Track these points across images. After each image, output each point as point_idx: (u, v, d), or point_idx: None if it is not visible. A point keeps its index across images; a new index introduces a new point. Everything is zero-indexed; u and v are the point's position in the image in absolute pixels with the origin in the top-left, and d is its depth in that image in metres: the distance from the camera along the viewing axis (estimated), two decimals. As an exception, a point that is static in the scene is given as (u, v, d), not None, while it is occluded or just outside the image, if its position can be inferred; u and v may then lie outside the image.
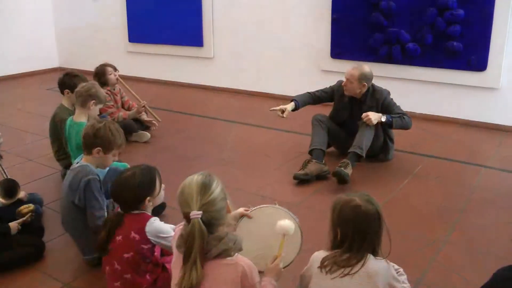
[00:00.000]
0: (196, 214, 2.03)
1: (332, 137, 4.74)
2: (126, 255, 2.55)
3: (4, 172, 3.68)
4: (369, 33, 6.27)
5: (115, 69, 5.55)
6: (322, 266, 2.14)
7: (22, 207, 3.35)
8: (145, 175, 2.68)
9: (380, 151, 4.74)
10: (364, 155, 4.36)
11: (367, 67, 4.58)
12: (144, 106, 5.60)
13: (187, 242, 2.03)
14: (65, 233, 3.39)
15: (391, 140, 4.75)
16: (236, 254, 2.12)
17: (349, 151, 4.39)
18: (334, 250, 2.18)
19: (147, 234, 2.55)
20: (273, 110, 4.74)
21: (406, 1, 5.98)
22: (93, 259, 3.10)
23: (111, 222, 2.61)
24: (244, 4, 7.34)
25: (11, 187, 3.53)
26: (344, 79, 4.65)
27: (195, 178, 2.12)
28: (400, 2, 6.01)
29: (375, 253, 2.17)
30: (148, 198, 2.65)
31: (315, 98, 4.91)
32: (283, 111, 4.69)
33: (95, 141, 3.00)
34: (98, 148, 3.01)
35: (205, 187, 2.08)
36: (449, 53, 5.83)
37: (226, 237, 2.09)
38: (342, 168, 4.18)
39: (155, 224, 2.59)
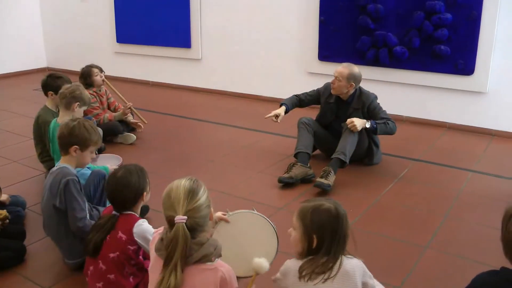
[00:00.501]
0: (181, 218, 2.02)
1: (318, 140, 4.73)
2: (112, 255, 2.53)
3: None
4: (356, 36, 6.27)
5: (101, 70, 5.51)
6: (301, 276, 2.11)
7: None
8: (141, 171, 2.70)
9: (364, 156, 4.73)
10: (347, 161, 4.33)
11: (356, 68, 4.59)
12: (130, 108, 5.57)
13: (169, 246, 2.02)
14: (46, 236, 3.36)
15: (376, 145, 4.74)
16: (216, 259, 2.11)
17: (332, 156, 4.37)
18: (307, 257, 2.16)
19: (134, 235, 2.53)
20: (268, 117, 4.76)
21: (393, 5, 5.98)
22: (75, 264, 3.07)
23: (105, 225, 2.57)
24: (232, 6, 7.32)
25: None
26: (331, 82, 4.66)
27: (183, 183, 2.10)
28: (387, 6, 6.01)
29: (345, 253, 2.19)
30: (145, 193, 2.67)
31: (301, 102, 4.94)
32: (277, 116, 4.70)
33: (70, 139, 2.99)
34: (75, 146, 3.00)
35: (192, 193, 2.07)
36: (437, 57, 5.84)
37: (207, 242, 2.08)
38: (323, 180, 4.13)
39: (143, 226, 2.57)
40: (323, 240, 2.12)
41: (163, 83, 8.32)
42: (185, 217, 2.02)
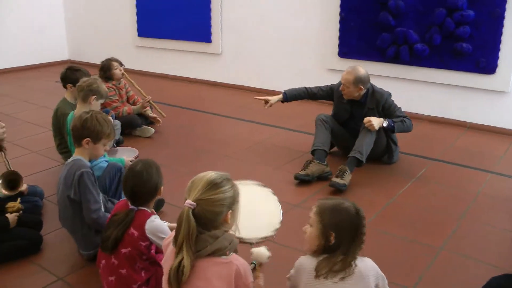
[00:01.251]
0: (189, 203, 2.01)
1: (336, 137, 4.70)
2: (123, 250, 2.53)
3: (8, 164, 3.68)
4: (376, 33, 6.21)
5: (121, 64, 5.54)
6: (317, 275, 2.09)
7: (9, 205, 3.30)
8: (157, 166, 2.69)
9: (383, 154, 4.69)
10: (364, 160, 4.30)
11: (361, 69, 4.48)
12: (149, 101, 5.59)
13: (177, 227, 2.03)
14: (63, 227, 3.41)
15: (394, 143, 4.70)
16: (231, 253, 2.09)
17: (348, 155, 4.35)
18: (322, 255, 2.14)
19: (146, 231, 2.52)
20: (257, 98, 4.86)
21: (414, 1, 5.91)
22: (89, 255, 3.11)
23: (124, 220, 2.56)
24: (253, 1, 7.31)
25: (14, 179, 3.53)
26: (340, 88, 4.66)
27: (210, 173, 2.11)
28: (408, 2, 5.94)
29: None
30: (162, 188, 2.67)
31: (310, 94, 4.91)
32: (267, 102, 4.78)
33: (83, 132, 3.02)
34: (87, 139, 3.02)
35: (213, 185, 2.06)
36: (458, 55, 5.76)
37: (222, 236, 2.07)
38: (338, 180, 4.11)
39: (155, 222, 2.57)
40: (341, 239, 2.10)
41: (182, 77, 8.34)
42: (194, 203, 2.01)
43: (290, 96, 4.92)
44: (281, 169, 4.60)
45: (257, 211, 2.76)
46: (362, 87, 4.45)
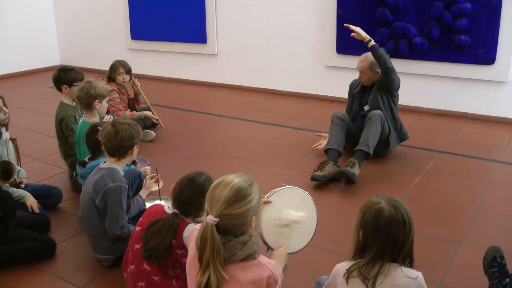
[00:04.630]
0: (212, 219, 1.95)
1: (349, 136, 4.60)
2: None
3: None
4: (375, 28, 6.20)
5: (128, 72, 5.50)
6: (348, 276, 2.03)
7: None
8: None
9: (385, 148, 4.67)
10: (371, 152, 4.30)
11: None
12: (158, 120, 5.57)
13: (200, 243, 1.97)
14: (77, 234, 3.38)
15: (393, 128, 4.67)
16: (260, 255, 2.06)
17: (355, 149, 4.34)
18: (356, 259, 2.06)
19: (184, 240, 2.47)
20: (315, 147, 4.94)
21: (412, -5, 5.93)
22: (108, 260, 3.07)
23: (171, 228, 2.49)
24: (247, 1, 7.27)
25: (6, 170, 3.41)
26: (358, 78, 4.74)
27: (234, 182, 2.00)
28: (406, -4, 5.96)
29: (405, 265, 2.04)
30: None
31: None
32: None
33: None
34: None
35: (237, 197, 1.97)
36: (457, 47, 5.77)
37: (250, 240, 2.02)
38: (349, 168, 4.12)
39: None
40: (368, 239, 2.02)
41: (178, 79, 8.28)
42: (216, 219, 1.94)
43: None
44: (289, 169, 4.57)
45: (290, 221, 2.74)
46: (378, 70, 4.55)
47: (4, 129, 3.68)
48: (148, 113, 5.52)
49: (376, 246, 2.00)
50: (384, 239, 1.99)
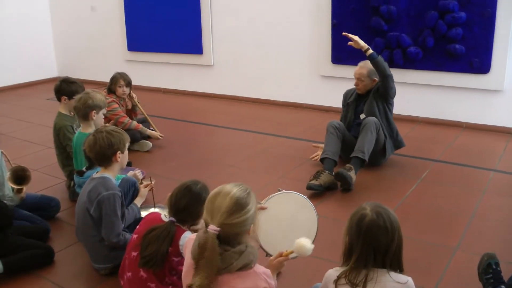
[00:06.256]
0: (213, 229, 1.97)
1: (344, 145, 4.61)
2: None
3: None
4: (369, 38, 6.24)
5: (128, 84, 5.54)
6: (336, 283, 2.06)
7: None
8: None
9: (381, 150, 4.67)
10: (366, 159, 4.32)
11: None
12: (158, 138, 5.58)
13: (198, 251, 1.99)
14: (75, 243, 3.40)
15: (389, 136, 4.69)
16: (256, 264, 2.08)
17: (351, 156, 4.35)
18: (345, 266, 2.09)
19: (180, 247, 2.49)
20: (313, 157, 4.92)
21: (406, 5, 5.97)
22: (106, 268, 3.08)
23: (168, 235, 2.50)
24: (243, 11, 7.32)
25: (22, 176, 3.61)
26: (354, 84, 4.76)
27: (234, 192, 2.03)
28: (400, 6, 6.00)
29: (394, 270, 2.05)
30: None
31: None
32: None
33: (112, 148, 3.02)
34: (118, 152, 3.05)
35: (237, 207, 2.00)
36: (451, 56, 5.82)
37: (246, 250, 2.04)
38: (346, 170, 4.14)
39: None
40: (352, 244, 2.05)
41: (175, 90, 8.32)
42: (218, 229, 1.97)
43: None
44: (285, 177, 4.59)
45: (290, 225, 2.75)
46: (375, 78, 4.59)
47: None
48: (153, 133, 5.55)
49: (358, 251, 2.02)
50: (365, 244, 2.01)
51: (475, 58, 5.70)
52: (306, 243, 2.30)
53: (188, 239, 2.25)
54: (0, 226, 3.15)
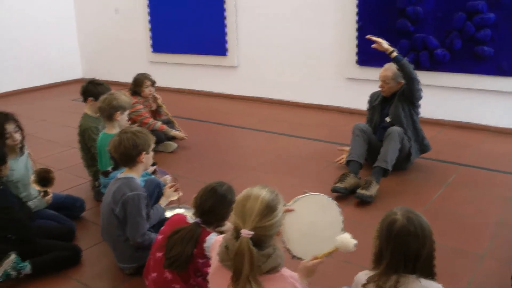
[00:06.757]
0: (247, 233, 1.95)
1: (370, 149, 4.55)
2: None
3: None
4: (395, 39, 6.16)
5: (153, 84, 5.56)
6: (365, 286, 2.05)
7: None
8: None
9: (406, 160, 4.62)
10: (390, 169, 4.25)
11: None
12: (182, 139, 5.58)
13: (235, 259, 1.96)
14: (99, 242, 3.43)
15: (414, 139, 4.64)
16: (283, 267, 2.06)
17: (374, 165, 4.29)
18: (375, 270, 2.06)
19: (205, 249, 2.49)
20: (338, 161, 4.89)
21: (433, 6, 5.88)
22: (131, 268, 3.10)
23: (192, 237, 2.50)
24: (268, 13, 7.30)
25: (46, 177, 3.61)
26: (379, 87, 4.72)
27: (263, 195, 2.02)
28: (427, 8, 5.92)
29: (426, 277, 2.01)
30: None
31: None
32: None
33: (137, 149, 3.03)
34: (143, 153, 3.05)
35: (269, 210, 1.99)
36: (479, 58, 5.72)
37: (274, 253, 2.03)
38: (364, 191, 4.04)
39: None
40: (382, 249, 2.02)
41: (199, 91, 8.34)
42: (252, 232, 1.95)
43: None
44: (309, 180, 4.55)
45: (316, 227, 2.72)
46: (401, 81, 4.53)
47: (20, 150, 3.68)
48: (178, 134, 5.56)
49: (388, 256, 2.00)
50: (395, 250, 1.99)
51: (503, 60, 5.59)
52: (349, 237, 2.31)
53: (214, 241, 2.24)
54: (20, 238, 3.17)
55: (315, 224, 2.66)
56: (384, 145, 4.35)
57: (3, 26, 8.70)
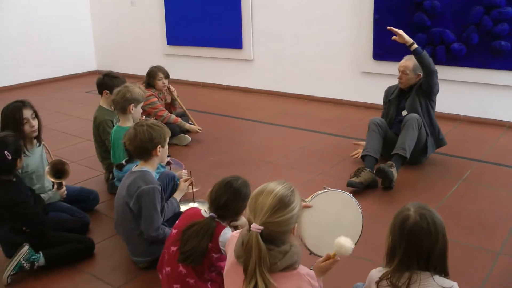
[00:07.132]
0: (256, 228, 1.94)
1: (385, 142, 4.54)
2: None
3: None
4: (412, 33, 6.07)
5: (167, 76, 5.57)
6: (378, 284, 2.03)
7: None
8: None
9: (422, 154, 4.60)
10: (408, 156, 4.24)
11: None
12: (199, 131, 5.59)
13: (245, 254, 1.96)
14: (113, 235, 3.44)
15: (431, 133, 4.60)
16: (300, 265, 2.05)
17: (392, 153, 4.28)
18: (388, 267, 2.04)
19: (220, 244, 2.48)
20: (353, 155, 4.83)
21: (450, 0, 5.82)
22: (144, 262, 3.10)
23: (207, 231, 2.49)
24: (283, 6, 7.27)
25: (61, 169, 3.60)
26: (398, 77, 4.69)
27: (277, 190, 1.99)
28: (444, 2, 5.85)
29: (439, 274, 2.00)
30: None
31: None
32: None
33: (152, 142, 3.02)
34: (158, 146, 3.04)
35: (281, 205, 1.96)
36: (496, 53, 5.65)
37: (291, 250, 2.00)
38: (388, 167, 4.07)
39: (229, 235, 2.49)
40: (395, 246, 2.01)
41: (214, 84, 8.33)
42: (261, 227, 1.93)
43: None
44: (325, 174, 4.54)
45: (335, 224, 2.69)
46: (420, 73, 4.53)
47: (36, 141, 3.67)
48: (192, 127, 5.57)
49: (401, 253, 1.99)
50: (408, 246, 1.97)
51: (521, 55, 5.53)
52: (345, 242, 2.24)
53: (231, 236, 2.23)
54: (35, 232, 3.19)
55: (334, 220, 2.64)
56: (402, 133, 4.34)
57: (19, 19, 8.76)
